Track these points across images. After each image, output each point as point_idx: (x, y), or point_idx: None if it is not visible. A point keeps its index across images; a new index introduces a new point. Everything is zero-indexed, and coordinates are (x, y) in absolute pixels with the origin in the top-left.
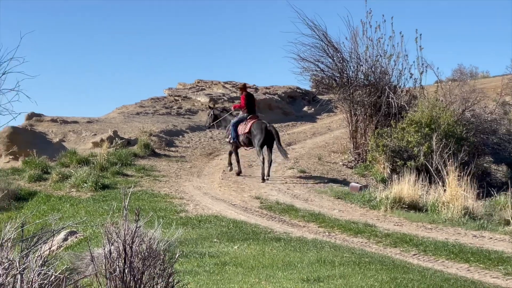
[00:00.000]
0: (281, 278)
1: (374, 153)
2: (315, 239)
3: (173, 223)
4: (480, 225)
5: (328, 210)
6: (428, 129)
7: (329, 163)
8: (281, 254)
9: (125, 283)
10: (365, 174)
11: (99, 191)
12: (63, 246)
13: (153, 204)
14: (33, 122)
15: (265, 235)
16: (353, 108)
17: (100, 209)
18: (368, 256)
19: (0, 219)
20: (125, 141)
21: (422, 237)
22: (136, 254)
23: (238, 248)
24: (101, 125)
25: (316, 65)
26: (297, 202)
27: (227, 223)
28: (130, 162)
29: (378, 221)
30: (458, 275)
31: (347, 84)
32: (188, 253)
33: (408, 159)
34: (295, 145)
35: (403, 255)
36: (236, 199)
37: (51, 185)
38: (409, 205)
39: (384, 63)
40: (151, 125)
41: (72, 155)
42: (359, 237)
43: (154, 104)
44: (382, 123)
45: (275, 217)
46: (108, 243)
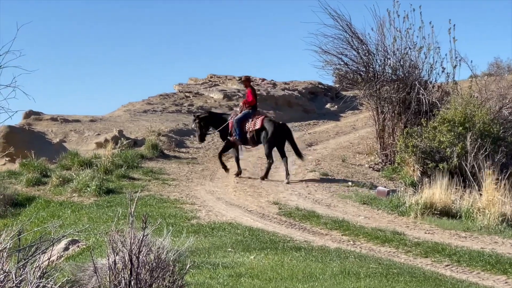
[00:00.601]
0: None
1: (403, 154)
2: (338, 249)
3: (183, 231)
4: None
5: (352, 216)
6: (462, 128)
7: (354, 165)
8: (302, 264)
9: None
10: (393, 178)
11: (103, 196)
12: (63, 256)
13: (161, 210)
14: (32, 121)
15: (284, 244)
16: (380, 105)
17: (104, 216)
18: (396, 267)
19: None
20: (131, 141)
21: (455, 246)
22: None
23: (255, 258)
24: (105, 124)
25: (339, 59)
26: (318, 208)
27: (242, 231)
28: (136, 164)
29: (407, 229)
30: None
31: (373, 79)
32: (200, 264)
33: (440, 161)
34: (316, 145)
35: (435, 266)
36: (253, 204)
37: (51, 189)
38: (441, 211)
39: (413, 56)
40: (159, 124)
41: (73, 156)
42: (387, 246)
43: (163, 101)
44: (412, 121)
45: (294, 224)
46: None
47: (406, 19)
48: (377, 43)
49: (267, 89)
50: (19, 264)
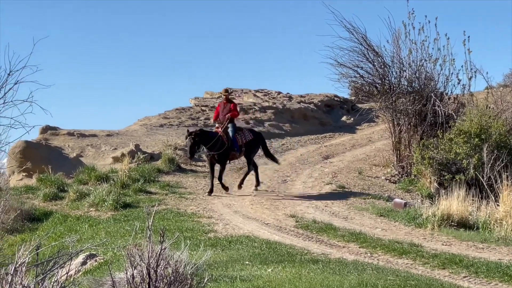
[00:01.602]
0: None
1: (420, 166)
2: (356, 261)
3: (201, 244)
4: None
5: (369, 228)
6: (478, 139)
7: (371, 178)
8: (319, 277)
9: None
10: (409, 189)
11: (120, 210)
12: (81, 271)
13: (179, 224)
14: (48, 136)
15: (302, 257)
16: (396, 117)
17: (122, 230)
18: (414, 279)
19: (13, 241)
20: (148, 155)
21: (473, 257)
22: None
23: (272, 271)
24: (122, 138)
25: (355, 71)
26: (335, 220)
27: (259, 244)
28: (153, 178)
29: (424, 241)
30: None
31: (389, 91)
32: (217, 277)
33: (457, 173)
34: (333, 158)
35: (453, 277)
36: (270, 217)
37: (68, 204)
38: (458, 223)
39: (429, 68)
40: (176, 138)
41: (90, 171)
42: (404, 258)
43: (179, 115)
44: (428, 133)
45: (312, 237)
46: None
47: (422, 31)
48: (392, 55)
49: (283, 102)
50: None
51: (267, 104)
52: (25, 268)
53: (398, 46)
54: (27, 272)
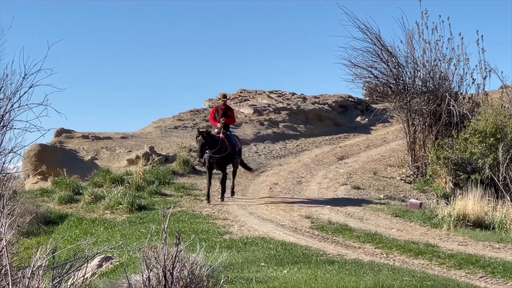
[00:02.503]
0: None
1: (435, 166)
2: (371, 262)
3: (216, 246)
4: None
5: (385, 229)
6: (493, 139)
7: (386, 178)
8: (335, 278)
9: None
10: (425, 190)
11: (135, 213)
12: (97, 273)
13: (194, 225)
14: (63, 138)
15: (317, 258)
16: (410, 117)
17: (137, 232)
18: (430, 279)
19: (29, 244)
20: (162, 157)
21: (489, 257)
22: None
23: (288, 273)
24: (137, 140)
25: (369, 71)
26: (351, 221)
27: (275, 245)
28: (168, 180)
29: (440, 241)
30: None
31: (403, 92)
32: (233, 279)
33: (472, 172)
34: (347, 159)
35: (469, 277)
36: (285, 219)
37: (83, 207)
38: (474, 223)
39: (443, 68)
40: (190, 140)
41: (105, 174)
42: (420, 259)
43: (193, 117)
44: (443, 133)
45: (327, 238)
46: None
47: (435, 30)
48: (406, 56)
49: (297, 103)
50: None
51: (281, 105)
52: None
53: (412, 46)
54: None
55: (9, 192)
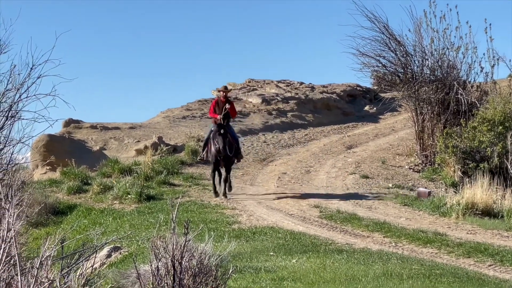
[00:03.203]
0: None
1: (443, 155)
2: (380, 250)
3: (225, 235)
4: None
5: (394, 218)
6: (502, 127)
7: (394, 167)
8: (344, 267)
9: None
10: (433, 178)
11: (144, 203)
12: (106, 263)
13: (203, 215)
14: (71, 129)
15: (326, 247)
16: (418, 106)
17: (146, 222)
18: (439, 268)
19: (38, 235)
20: (171, 147)
21: (498, 246)
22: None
23: (297, 262)
24: (145, 130)
25: (377, 60)
26: (359, 210)
27: (284, 234)
28: (177, 170)
29: (449, 229)
30: None
31: (411, 80)
32: (242, 268)
33: (481, 161)
34: (356, 148)
35: (478, 266)
36: (293, 208)
37: (92, 197)
38: (482, 211)
39: (451, 56)
40: (198, 130)
41: (114, 164)
42: (429, 247)
43: (201, 107)
44: (451, 122)
45: (336, 227)
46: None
47: (443, 19)
48: (414, 44)
49: (306, 93)
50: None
51: (289, 94)
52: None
53: (420, 35)
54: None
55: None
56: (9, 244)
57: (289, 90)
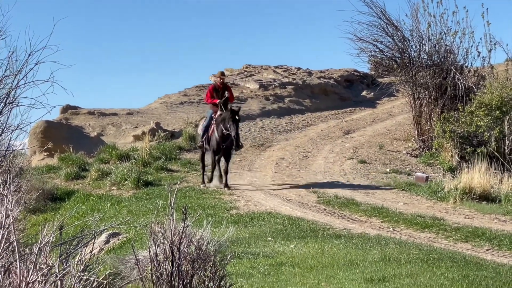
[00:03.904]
0: (342, 278)
1: (441, 139)
2: (378, 235)
3: (223, 221)
4: None
5: (391, 203)
6: (499, 112)
7: (392, 152)
8: (342, 252)
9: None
10: (431, 163)
11: (142, 189)
12: (104, 249)
13: (201, 201)
14: (69, 115)
15: (324, 232)
16: (416, 91)
17: (144, 208)
18: (437, 253)
19: (36, 221)
20: (168, 133)
21: (495, 230)
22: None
23: (295, 247)
24: (142, 116)
25: (374, 46)
26: (357, 195)
27: (282, 220)
28: (174, 156)
29: (446, 214)
30: None
31: (409, 65)
32: (240, 254)
33: (478, 145)
34: (353, 133)
35: (475, 250)
36: (291, 193)
37: (90, 183)
38: (480, 196)
39: (448, 41)
40: (196, 115)
41: (111, 150)
42: (427, 232)
43: (199, 93)
44: (449, 106)
45: (334, 212)
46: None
47: (440, 4)
48: (411, 29)
49: (303, 78)
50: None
51: (287, 80)
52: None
53: (417, 20)
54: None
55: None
56: (7, 230)
57: (287, 75)
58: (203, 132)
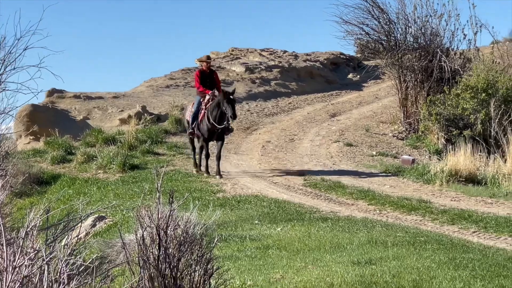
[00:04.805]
0: (329, 261)
1: (427, 122)
2: (365, 218)
3: (210, 204)
4: None
5: (378, 186)
6: (485, 94)
7: (378, 135)
8: (329, 235)
9: (160, 271)
10: (417, 146)
11: (128, 172)
12: (91, 233)
13: (187, 184)
14: (55, 99)
15: (311, 215)
16: (402, 74)
17: (130, 192)
18: (423, 235)
19: (22, 205)
20: (154, 116)
21: (482, 212)
22: (171, 239)
23: (282, 230)
24: (129, 100)
25: (360, 28)
26: (344, 178)
27: (268, 203)
28: (161, 139)
29: (433, 197)
30: None
31: (395, 48)
32: (227, 237)
33: (464, 128)
34: (340, 116)
35: (462, 232)
36: (278, 176)
37: (76, 166)
38: (466, 178)
39: (434, 24)
40: (182, 99)
41: (97, 133)
42: (413, 215)
43: (185, 76)
44: (435, 89)
45: (320, 195)
46: (140, 228)
47: None
48: (397, 12)
49: (289, 61)
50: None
51: (273, 63)
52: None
53: (403, 2)
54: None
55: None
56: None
57: (273, 58)
58: (192, 118)
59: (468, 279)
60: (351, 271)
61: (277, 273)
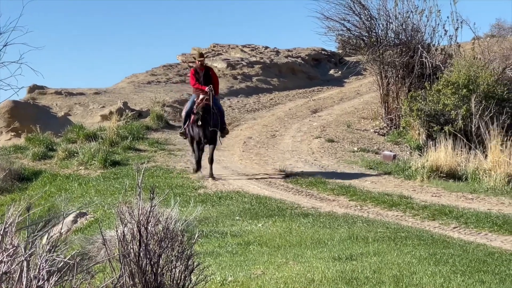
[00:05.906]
0: (310, 257)
1: (408, 118)
2: (346, 214)
3: (191, 200)
4: None
5: (359, 181)
6: (466, 90)
7: (359, 131)
8: (310, 231)
9: (141, 267)
10: (398, 142)
11: (109, 168)
12: (72, 229)
13: (168, 180)
14: (36, 95)
15: (292, 211)
16: (383, 69)
17: (111, 188)
18: (404, 231)
19: (3, 201)
20: (136, 113)
21: (462, 208)
22: (152, 235)
23: (263, 226)
24: (110, 96)
25: (342, 24)
26: (325, 174)
27: (249, 199)
28: (142, 135)
29: (414, 192)
30: (503, 248)
31: (376, 44)
32: (208, 233)
33: (445, 124)
34: (321, 112)
35: (443, 228)
36: (259, 172)
37: (57, 163)
38: (447, 174)
39: (415, 20)
40: (164, 95)
41: (79, 129)
42: (394, 210)
43: (166, 72)
44: (416, 85)
45: (301, 191)
46: (121, 225)
47: None
48: (379, 8)
49: (270, 57)
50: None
51: (254, 59)
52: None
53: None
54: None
55: None
56: None
57: (254, 54)
58: (184, 118)
59: (448, 274)
60: (332, 267)
61: (258, 269)
